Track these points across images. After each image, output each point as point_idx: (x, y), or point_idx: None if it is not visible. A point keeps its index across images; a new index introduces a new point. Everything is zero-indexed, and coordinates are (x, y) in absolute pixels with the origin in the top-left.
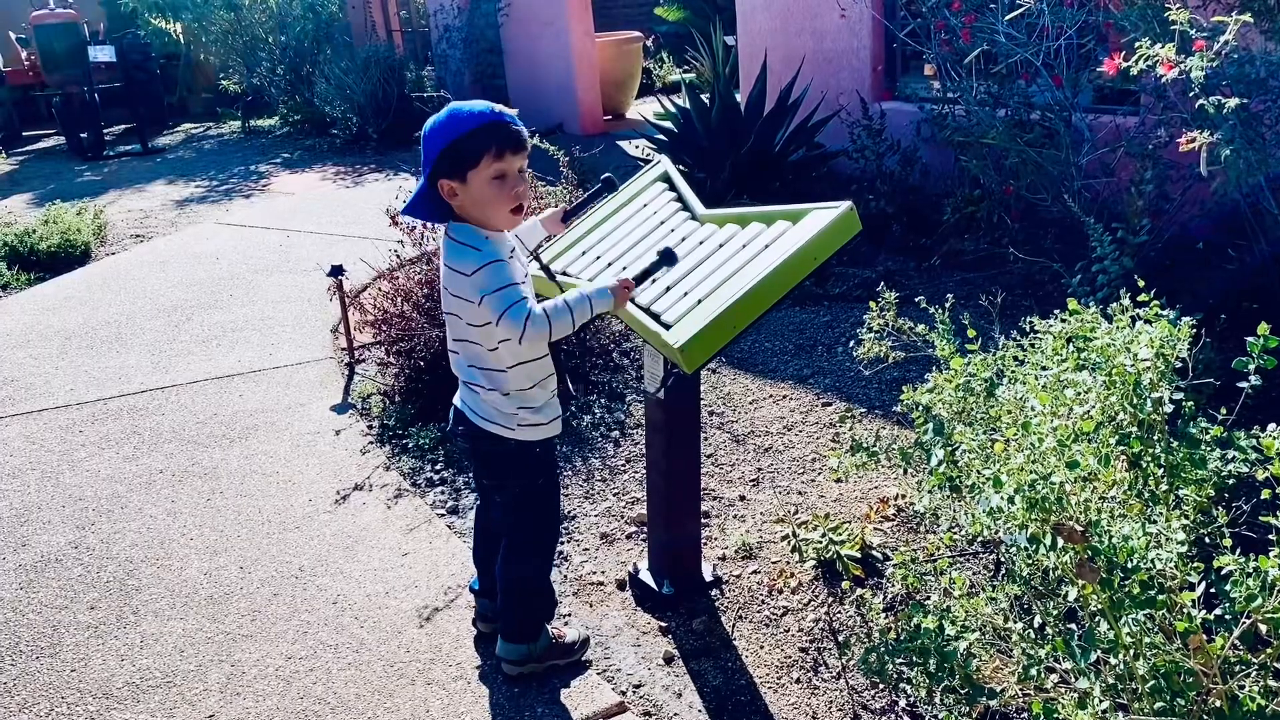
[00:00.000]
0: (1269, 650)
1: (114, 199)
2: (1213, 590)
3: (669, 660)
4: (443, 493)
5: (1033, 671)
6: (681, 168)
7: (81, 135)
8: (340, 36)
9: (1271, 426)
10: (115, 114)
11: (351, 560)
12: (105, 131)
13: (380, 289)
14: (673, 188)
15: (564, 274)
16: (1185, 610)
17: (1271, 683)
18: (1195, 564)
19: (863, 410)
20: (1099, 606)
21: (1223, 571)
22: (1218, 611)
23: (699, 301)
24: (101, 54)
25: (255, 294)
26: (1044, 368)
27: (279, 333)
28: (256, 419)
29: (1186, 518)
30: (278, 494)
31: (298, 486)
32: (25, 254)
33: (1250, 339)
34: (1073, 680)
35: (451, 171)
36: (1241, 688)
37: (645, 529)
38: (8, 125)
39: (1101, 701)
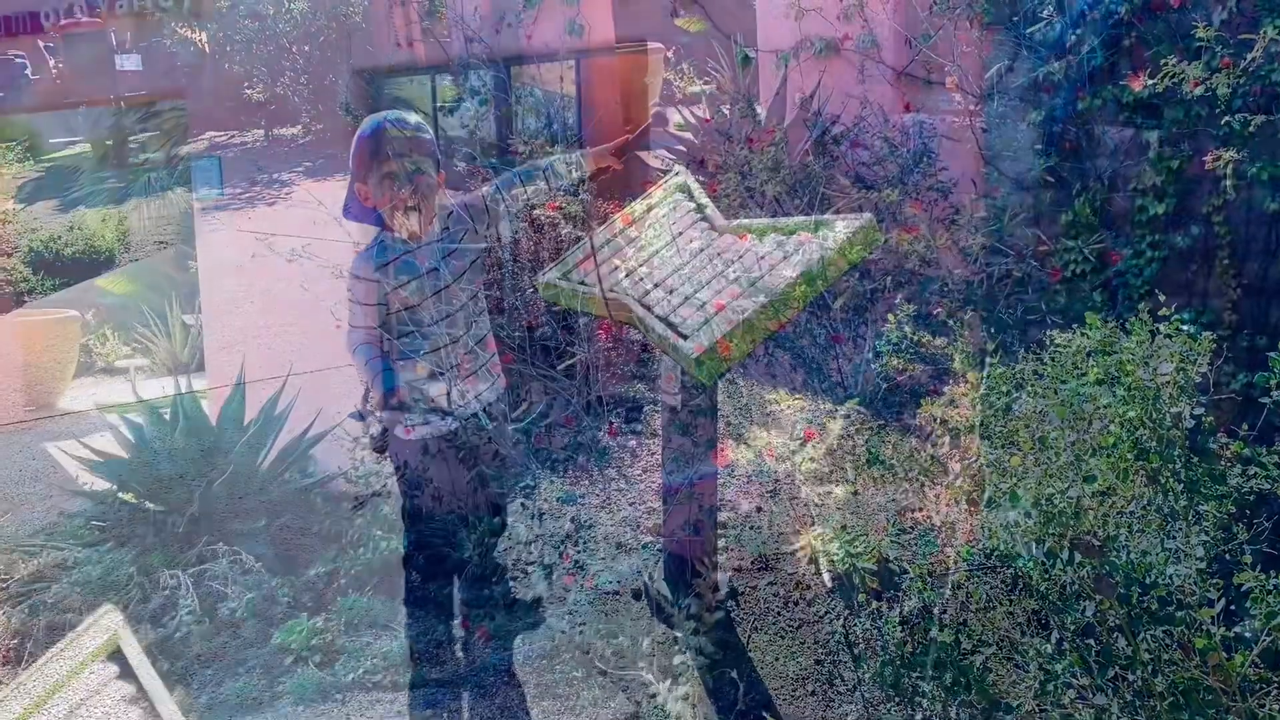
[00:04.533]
0: None
1: (137, 206)
2: (1232, 607)
3: (684, 671)
4: None
5: (1049, 687)
6: (700, 178)
7: (106, 142)
8: (362, 46)
9: None
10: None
11: None
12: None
13: None
14: (691, 198)
15: (582, 284)
16: (1204, 627)
17: None
18: (1215, 580)
19: (880, 422)
20: (1117, 622)
21: (1243, 588)
22: (1237, 629)
23: (717, 312)
24: (128, 63)
25: (274, 300)
26: (1063, 381)
27: (296, 338)
28: None
29: (1206, 534)
30: None
31: None
32: (50, 260)
33: (1272, 355)
34: (1090, 696)
35: None
36: (1261, 706)
37: (661, 539)
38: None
39: (1119, 718)
